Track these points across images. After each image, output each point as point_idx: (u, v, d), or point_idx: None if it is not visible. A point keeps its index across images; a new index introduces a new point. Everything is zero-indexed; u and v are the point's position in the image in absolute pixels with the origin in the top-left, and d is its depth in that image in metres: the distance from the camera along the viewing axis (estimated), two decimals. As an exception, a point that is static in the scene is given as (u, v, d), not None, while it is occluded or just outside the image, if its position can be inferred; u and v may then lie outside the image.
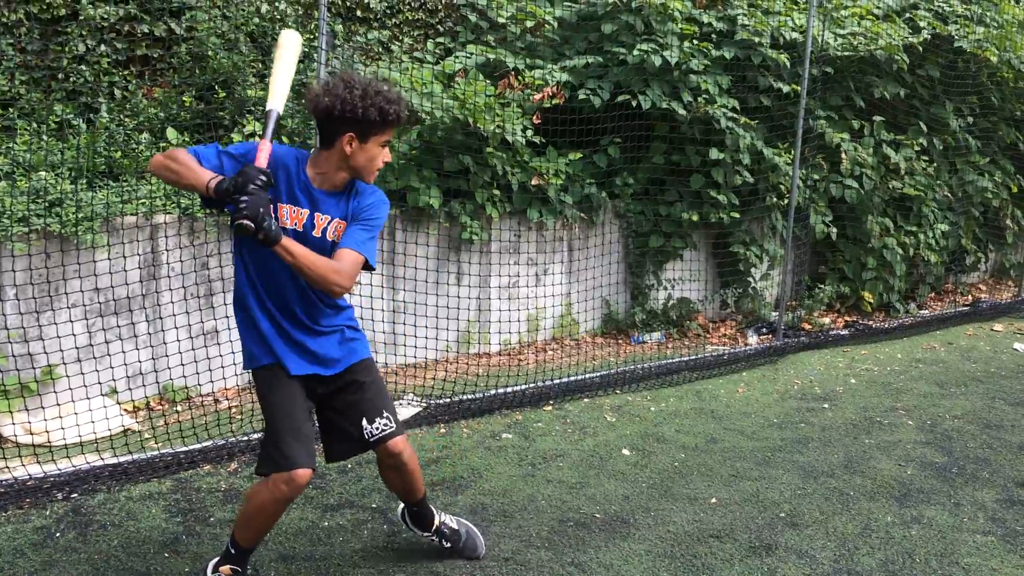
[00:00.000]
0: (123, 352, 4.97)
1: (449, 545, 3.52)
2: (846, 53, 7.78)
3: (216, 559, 3.18)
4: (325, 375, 3.12)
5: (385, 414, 3.19)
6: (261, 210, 2.67)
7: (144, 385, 5.17)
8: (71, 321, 4.72)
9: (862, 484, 4.43)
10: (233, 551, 3.12)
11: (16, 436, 4.58)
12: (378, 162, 2.98)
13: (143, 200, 5.13)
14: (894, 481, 4.48)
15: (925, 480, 4.51)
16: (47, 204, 4.73)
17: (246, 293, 3.03)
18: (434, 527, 3.51)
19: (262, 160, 2.82)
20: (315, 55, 6.23)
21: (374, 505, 4.02)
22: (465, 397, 5.54)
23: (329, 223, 2.99)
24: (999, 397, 6.04)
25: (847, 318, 8.25)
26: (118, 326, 5.00)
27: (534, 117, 6.56)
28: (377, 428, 3.17)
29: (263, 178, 2.73)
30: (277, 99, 3.00)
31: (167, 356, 5.20)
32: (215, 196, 2.74)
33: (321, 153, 2.97)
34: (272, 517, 3.03)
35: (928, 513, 4.11)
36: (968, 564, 3.64)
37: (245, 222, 2.65)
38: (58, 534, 3.65)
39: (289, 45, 3.11)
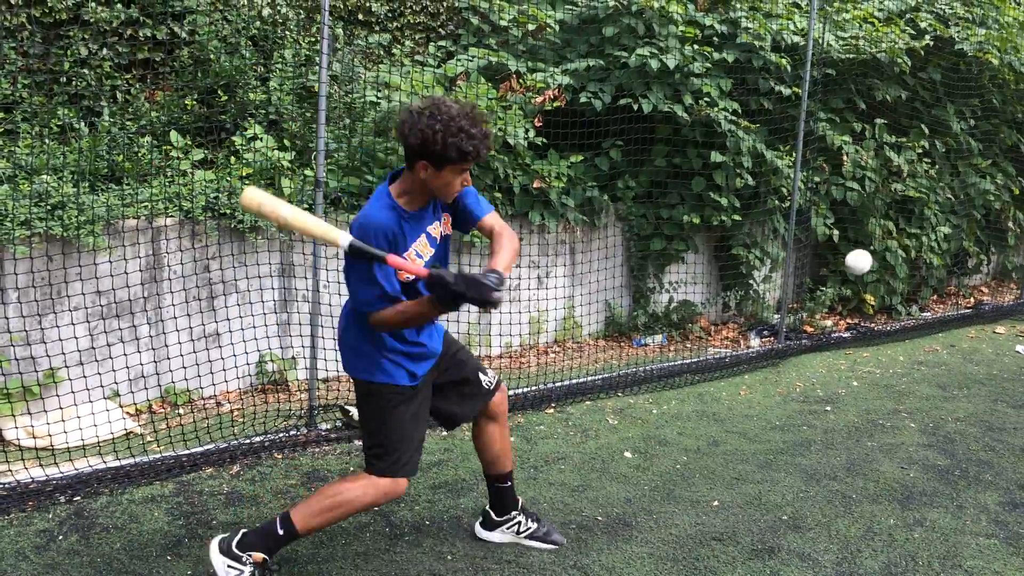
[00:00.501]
0: (125, 355, 4.98)
1: (535, 525, 3.65)
2: (848, 56, 7.78)
3: (247, 535, 3.19)
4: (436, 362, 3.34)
5: (485, 367, 3.54)
6: (483, 288, 2.92)
7: (146, 388, 5.17)
8: (73, 324, 4.72)
9: (864, 487, 4.43)
10: (282, 532, 3.16)
11: (18, 439, 4.58)
12: (456, 187, 3.05)
13: (145, 203, 5.13)
14: (896, 484, 4.48)
15: (927, 483, 4.51)
16: (49, 207, 4.74)
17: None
18: (520, 505, 3.67)
19: (412, 263, 3.02)
20: (317, 59, 6.24)
21: (376, 508, 4.01)
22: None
23: (439, 227, 3.18)
24: (1001, 400, 6.03)
25: (849, 320, 8.24)
26: (120, 329, 5.01)
27: (536, 120, 6.57)
28: (492, 377, 3.52)
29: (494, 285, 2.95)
30: (339, 233, 2.92)
31: (169, 359, 5.21)
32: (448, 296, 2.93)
33: (405, 173, 3.05)
34: (353, 513, 3.23)
35: (931, 516, 4.11)
36: (971, 567, 3.64)
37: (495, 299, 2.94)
38: (60, 537, 3.65)
39: (268, 202, 2.91)
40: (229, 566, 3.16)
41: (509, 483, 3.63)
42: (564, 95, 6.70)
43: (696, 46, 7.02)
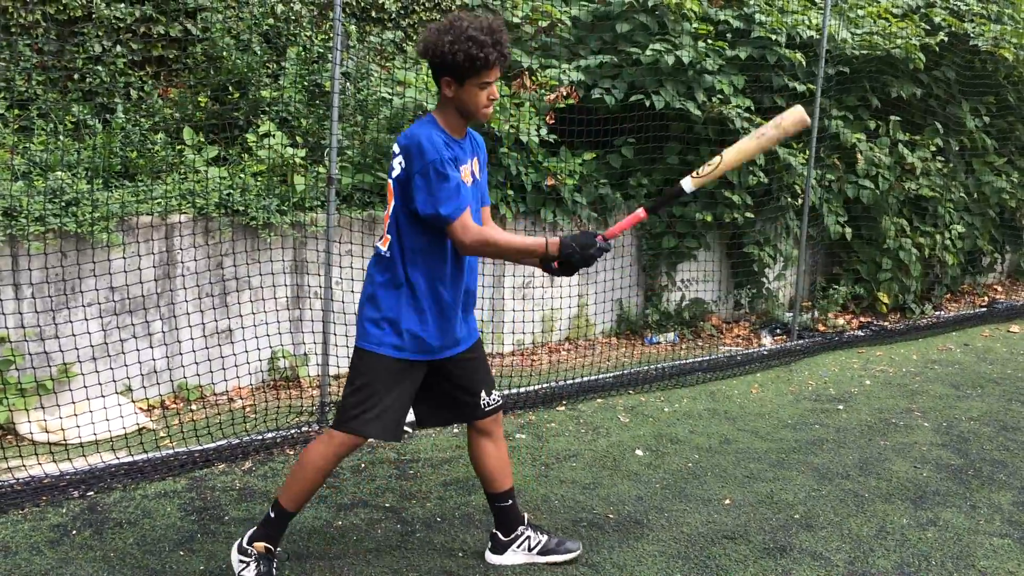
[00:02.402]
0: (138, 351, 5.00)
1: (545, 538, 3.54)
2: (862, 52, 7.74)
3: (253, 529, 3.27)
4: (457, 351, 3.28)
5: (496, 389, 3.44)
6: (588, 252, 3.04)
7: (159, 384, 5.20)
8: (87, 320, 4.75)
9: (877, 486, 4.41)
10: (273, 514, 3.21)
11: (32, 434, 4.62)
12: (482, 101, 3.03)
13: (158, 200, 5.16)
14: (909, 483, 4.45)
15: (941, 482, 4.48)
16: (63, 204, 4.76)
17: (418, 280, 3.10)
18: (526, 520, 3.57)
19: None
20: (329, 56, 6.24)
21: (387, 505, 4.02)
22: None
23: (476, 165, 3.20)
24: (1016, 399, 5.99)
25: (862, 319, 8.20)
26: (133, 325, 5.03)
27: (548, 117, 6.56)
28: (493, 400, 3.39)
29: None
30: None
31: (181, 355, 5.23)
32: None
33: (440, 103, 3.08)
34: (321, 475, 3.19)
35: (944, 515, 4.09)
36: (984, 567, 3.62)
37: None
38: (74, 532, 3.67)
39: None
40: (240, 560, 3.23)
41: (511, 501, 3.50)
42: (577, 92, 6.69)
43: (710, 41, 7.00)
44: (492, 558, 3.53)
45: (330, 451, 3.17)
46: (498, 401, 3.42)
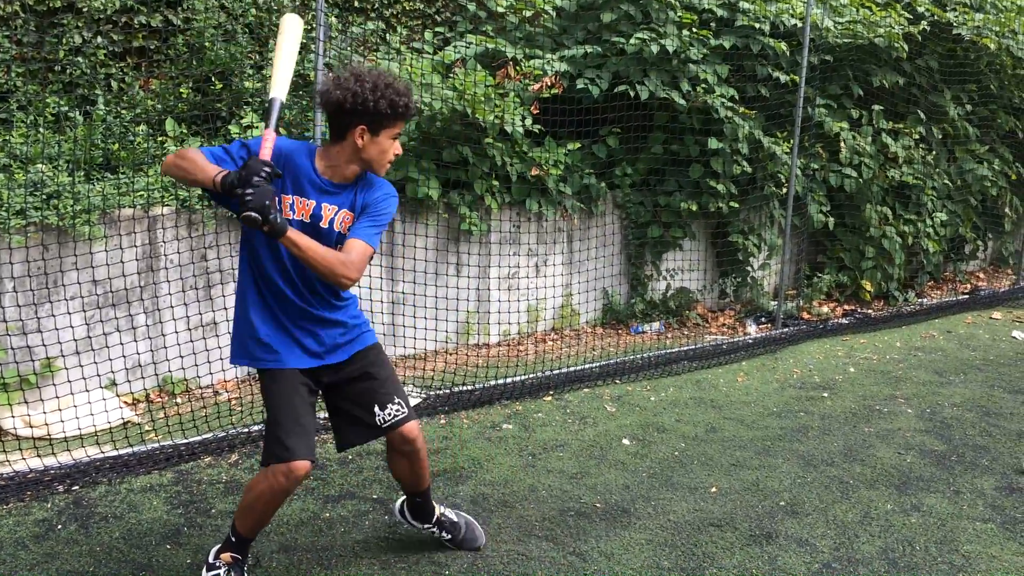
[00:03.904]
0: (122, 344, 4.97)
1: (449, 536, 3.52)
2: (845, 41, 7.76)
3: (218, 546, 3.21)
4: (332, 363, 3.13)
5: (397, 400, 3.20)
6: (267, 202, 2.65)
7: (143, 377, 5.17)
8: (69, 313, 4.71)
9: (862, 472, 4.44)
10: (234, 539, 3.14)
11: (16, 429, 4.58)
12: (389, 155, 2.99)
13: (141, 192, 5.12)
14: (893, 469, 4.49)
15: (924, 468, 4.52)
16: (45, 197, 4.72)
17: (247, 287, 3.03)
18: (435, 519, 3.50)
19: (266, 152, 2.80)
20: (312, 46, 6.20)
21: (375, 496, 4.02)
22: (465, 388, 5.54)
23: (336, 213, 2.98)
24: (998, 385, 6.05)
25: (846, 307, 8.25)
26: (117, 318, 5.00)
27: (532, 107, 6.55)
28: (389, 414, 3.17)
29: (267, 170, 2.71)
30: (280, 87, 2.98)
31: (166, 348, 5.20)
32: (221, 191, 2.73)
33: (332, 147, 2.96)
34: (271, 507, 3.03)
35: (927, 501, 4.12)
36: (968, 551, 3.65)
37: (251, 214, 2.64)
38: (59, 526, 3.65)
39: (291, 30, 3.06)
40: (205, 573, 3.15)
41: (420, 500, 3.45)
42: (561, 82, 6.68)
43: (694, 30, 7.00)
44: (403, 516, 3.54)
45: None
46: (399, 412, 3.19)
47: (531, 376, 5.83)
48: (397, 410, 3.19)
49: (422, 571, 3.37)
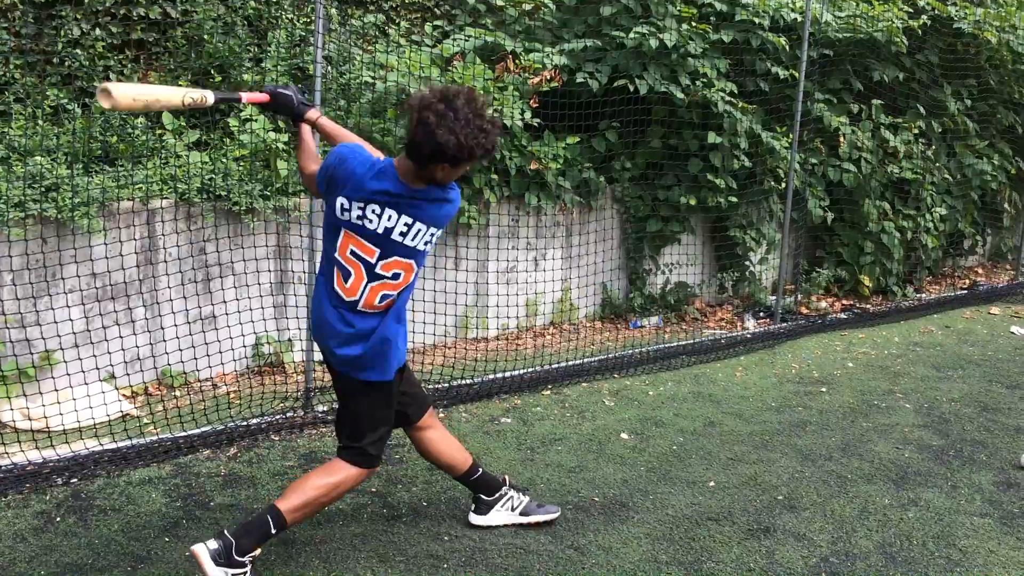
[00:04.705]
0: (120, 337, 4.97)
1: (527, 499, 3.69)
2: (845, 35, 7.75)
3: (245, 540, 3.07)
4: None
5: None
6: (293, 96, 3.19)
7: (142, 370, 5.17)
8: (68, 306, 4.71)
9: (859, 467, 4.45)
10: (275, 530, 3.12)
11: (15, 422, 4.58)
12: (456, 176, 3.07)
13: (139, 185, 5.11)
14: (891, 464, 4.50)
15: (922, 463, 4.53)
16: (43, 189, 4.71)
17: (405, 307, 3.22)
18: (508, 480, 3.71)
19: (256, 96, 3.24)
20: (311, 39, 6.19)
21: (374, 489, 4.03)
22: (463, 382, 5.54)
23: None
24: (996, 380, 6.06)
25: (845, 302, 8.25)
26: (115, 311, 5.00)
27: (531, 101, 6.53)
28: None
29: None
30: (204, 92, 3.10)
31: (165, 341, 5.20)
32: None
33: (411, 166, 2.96)
34: (333, 502, 3.31)
35: (925, 496, 4.13)
36: (965, 546, 3.66)
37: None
38: (58, 519, 3.65)
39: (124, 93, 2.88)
40: (233, 574, 3.04)
41: (480, 470, 3.64)
42: (560, 76, 6.67)
43: (694, 24, 6.98)
44: (476, 519, 3.66)
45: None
46: (429, 398, 3.61)
47: (529, 370, 5.83)
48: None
49: (420, 564, 3.37)
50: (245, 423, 4.73)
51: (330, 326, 3.13)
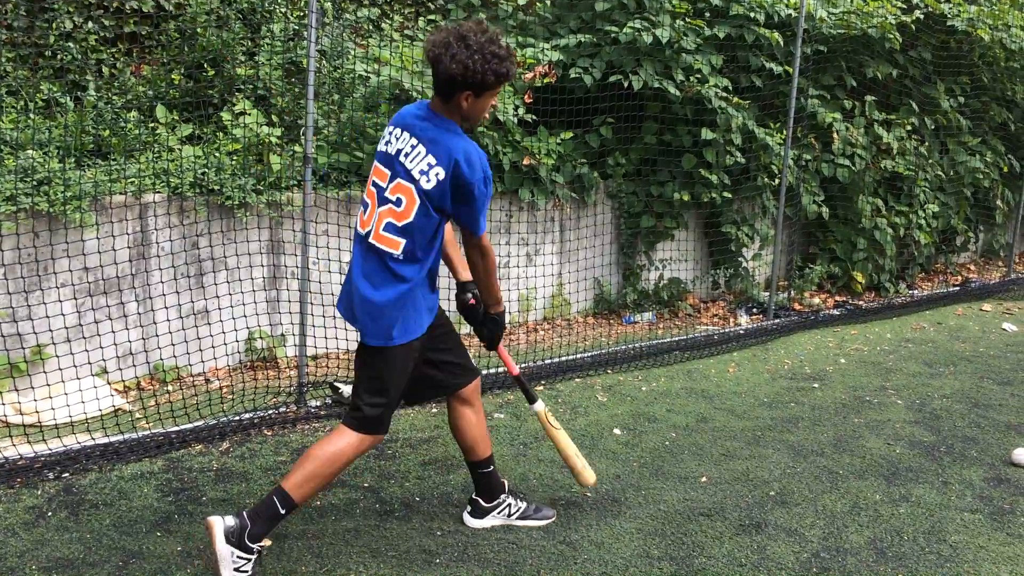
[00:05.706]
0: (113, 332, 4.95)
1: (524, 505, 3.69)
2: (839, 31, 7.75)
3: (251, 528, 3.08)
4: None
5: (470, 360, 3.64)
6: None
7: (134, 365, 5.16)
8: (60, 300, 4.69)
9: (851, 463, 4.46)
10: (284, 510, 3.13)
11: (6, 416, 4.57)
12: (487, 111, 3.24)
13: (132, 179, 5.09)
14: (883, 460, 4.51)
15: (914, 459, 4.55)
16: (35, 183, 4.69)
17: (433, 267, 3.28)
18: (508, 488, 3.69)
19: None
20: (305, 33, 6.17)
21: (366, 485, 4.03)
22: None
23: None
24: (987, 376, 6.08)
25: (837, 298, 8.28)
26: (107, 306, 4.98)
27: (526, 96, 6.53)
28: (472, 367, 3.59)
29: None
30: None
31: (157, 336, 5.19)
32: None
33: (441, 106, 3.14)
34: (340, 472, 3.29)
35: (916, 491, 4.15)
36: (956, 542, 3.68)
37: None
38: (50, 513, 3.65)
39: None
40: (239, 556, 3.06)
41: (491, 467, 3.63)
42: (554, 71, 6.66)
43: (688, 20, 6.98)
44: (470, 521, 3.66)
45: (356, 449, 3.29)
46: (478, 370, 3.60)
47: (522, 366, 5.83)
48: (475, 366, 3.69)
49: (412, 559, 3.38)
50: (238, 418, 4.73)
51: (355, 269, 3.23)
